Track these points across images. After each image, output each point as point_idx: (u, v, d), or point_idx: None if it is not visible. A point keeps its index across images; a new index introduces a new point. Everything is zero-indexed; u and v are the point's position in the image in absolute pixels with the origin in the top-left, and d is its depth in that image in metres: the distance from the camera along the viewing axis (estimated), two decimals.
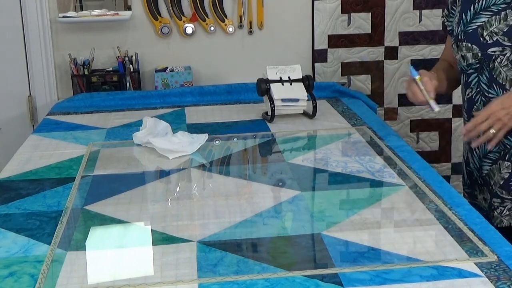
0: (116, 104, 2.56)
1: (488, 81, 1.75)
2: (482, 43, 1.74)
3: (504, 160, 1.75)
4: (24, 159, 1.92)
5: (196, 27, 2.82)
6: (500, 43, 1.71)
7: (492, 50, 1.73)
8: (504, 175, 1.75)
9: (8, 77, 2.81)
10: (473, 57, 1.77)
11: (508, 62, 1.71)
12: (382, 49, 2.87)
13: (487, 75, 1.75)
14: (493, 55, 1.72)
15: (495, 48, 1.72)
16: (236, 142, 2.08)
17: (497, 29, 1.71)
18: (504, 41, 1.70)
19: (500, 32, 1.71)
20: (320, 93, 2.56)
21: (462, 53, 1.80)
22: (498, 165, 1.77)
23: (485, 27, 1.74)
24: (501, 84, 1.73)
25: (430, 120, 2.95)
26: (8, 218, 1.50)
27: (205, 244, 1.34)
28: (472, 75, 1.80)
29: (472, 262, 1.23)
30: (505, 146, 1.74)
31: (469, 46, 1.77)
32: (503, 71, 1.72)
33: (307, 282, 1.17)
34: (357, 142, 2.02)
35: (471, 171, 1.88)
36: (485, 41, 1.73)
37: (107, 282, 1.21)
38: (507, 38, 1.70)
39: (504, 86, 1.72)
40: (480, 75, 1.77)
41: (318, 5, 2.80)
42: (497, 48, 1.72)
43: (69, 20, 2.75)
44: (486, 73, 1.76)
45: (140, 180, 1.76)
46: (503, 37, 1.70)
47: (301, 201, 1.56)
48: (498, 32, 1.71)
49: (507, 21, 1.70)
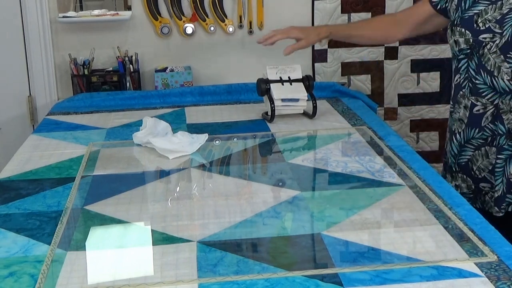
0: (116, 104, 2.56)
1: (476, 67, 1.80)
2: (475, 29, 1.79)
3: (491, 146, 1.81)
4: (24, 159, 1.92)
5: (196, 27, 2.82)
6: (492, 30, 1.76)
7: (483, 36, 1.77)
8: (492, 161, 1.82)
9: (8, 77, 2.81)
10: (465, 42, 1.82)
11: (497, 49, 1.76)
12: (382, 49, 2.87)
13: (476, 61, 1.80)
14: (484, 41, 1.77)
15: (486, 35, 1.77)
16: (236, 142, 2.08)
17: (491, 17, 1.77)
18: (495, 28, 1.75)
19: (493, 19, 1.76)
20: (320, 93, 2.56)
21: (455, 38, 1.84)
22: (483, 151, 1.82)
23: (481, 15, 1.79)
24: (488, 70, 1.77)
25: (430, 120, 2.95)
26: (8, 218, 1.50)
27: (205, 244, 1.34)
28: (462, 61, 1.85)
29: (472, 262, 1.23)
30: (493, 132, 1.80)
31: (463, 31, 1.82)
32: (491, 58, 1.77)
33: (307, 282, 1.17)
34: (357, 142, 2.02)
35: (446, 159, 1.95)
36: (478, 27, 1.78)
37: (107, 282, 1.21)
38: (498, 26, 1.75)
39: (492, 72, 1.76)
40: (470, 61, 1.82)
41: (318, 5, 2.80)
42: (488, 34, 1.77)
43: (69, 20, 2.75)
44: (475, 59, 1.81)
45: (140, 180, 1.76)
46: (495, 24, 1.76)
47: (301, 201, 1.56)
48: (491, 19, 1.76)
49: (502, 10, 1.76)
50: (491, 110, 1.81)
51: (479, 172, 1.87)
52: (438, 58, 2.86)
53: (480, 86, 1.82)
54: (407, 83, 2.90)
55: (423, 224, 1.41)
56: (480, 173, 1.87)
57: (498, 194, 1.83)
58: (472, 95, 1.84)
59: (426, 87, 2.90)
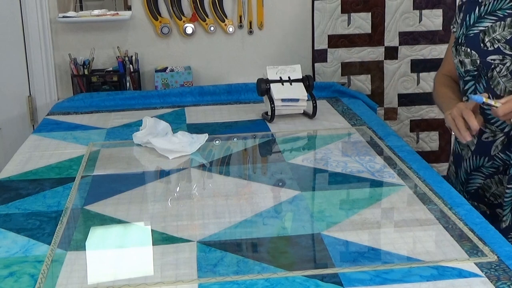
0: (116, 104, 2.56)
1: (485, 91, 1.64)
2: (482, 50, 1.63)
3: (505, 174, 1.68)
4: (24, 159, 1.92)
5: (196, 27, 2.82)
6: (501, 51, 1.60)
7: (491, 58, 1.61)
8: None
9: (8, 77, 2.81)
10: (471, 64, 1.67)
11: (507, 72, 1.60)
12: (382, 49, 2.86)
13: (484, 84, 1.65)
14: (493, 63, 1.61)
15: (495, 56, 1.61)
16: (236, 142, 2.08)
17: (499, 36, 1.60)
18: (505, 49, 1.60)
19: (503, 39, 1.60)
20: (320, 93, 2.56)
21: (460, 58, 1.69)
22: (496, 179, 1.71)
23: (488, 33, 1.62)
24: (498, 95, 1.62)
25: (430, 120, 2.95)
26: (8, 218, 1.50)
27: (205, 244, 1.34)
28: (469, 83, 1.70)
29: (472, 262, 1.23)
30: (504, 162, 1.68)
31: (468, 51, 1.66)
32: (501, 82, 1.61)
33: (307, 282, 1.17)
34: (357, 142, 2.02)
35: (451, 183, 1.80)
36: (485, 47, 1.63)
37: (107, 282, 1.21)
38: (509, 47, 1.59)
39: (502, 97, 1.56)
40: (477, 84, 1.66)
41: (318, 5, 2.80)
42: (497, 56, 1.61)
43: (69, 20, 2.75)
44: (483, 82, 1.65)
45: (140, 180, 1.76)
46: (505, 45, 1.60)
47: (301, 201, 1.56)
48: (500, 39, 1.60)
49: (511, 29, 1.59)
50: (501, 138, 1.66)
51: (494, 198, 1.73)
52: (438, 58, 2.85)
53: (488, 112, 1.63)
54: (407, 83, 2.90)
55: (423, 224, 1.41)
56: (496, 199, 1.73)
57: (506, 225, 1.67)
58: None
59: (426, 87, 2.89)
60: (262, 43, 2.86)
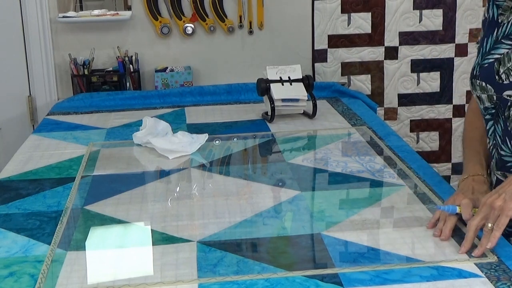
0: (116, 104, 2.56)
1: (502, 133, 1.35)
2: (497, 83, 1.33)
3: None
4: (24, 159, 1.92)
5: (196, 27, 2.82)
6: None
7: (508, 93, 1.31)
8: None
9: (8, 77, 2.81)
10: (488, 100, 1.37)
11: None
12: (382, 49, 2.86)
13: (502, 125, 1.35)
14: (509, 100, 1.30)
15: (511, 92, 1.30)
16: (236, 142, 2.08)
17: None
18: None
19: None
20: (320, 93, 2.56)
21: (477, 93, 1.40)
22: None
23: (503, 62, 1.31)
24: None
25: (430, 120, 2.95)
26: (8, 218, 1.50)
27: (205, 244, 1.34)
28: (489, 122, 1.40)
29: (472, 262, 1.23)
30: None
31: (483, 85, 1.36)
32: None
33: (307, 282, 1.17)
34: (357, 142, 2.02)
35: None
36: (500, 80, 1.32)
37: (107, 282, 1.21)
38: None
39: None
40: (496, 125, 1.37)
41: (318, 5, 2.80)
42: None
43: (69, 20, 2.75)
44: (501, 122, 1.35)
45: (140, 180, 1.76)
46: None
47: (301, 201, 1.56)
48: None
49: None
50: None
51: None
52: (438, 58, 2.85)
53: (506, 159, 1.37)
54: (407, 83, 2.90)
55: (423, 224, 1.41)
56: None
57: None
58: (498, 169, 1.41)
59: (426, 87, 2.89)
60: (262, 43, 2.86)
